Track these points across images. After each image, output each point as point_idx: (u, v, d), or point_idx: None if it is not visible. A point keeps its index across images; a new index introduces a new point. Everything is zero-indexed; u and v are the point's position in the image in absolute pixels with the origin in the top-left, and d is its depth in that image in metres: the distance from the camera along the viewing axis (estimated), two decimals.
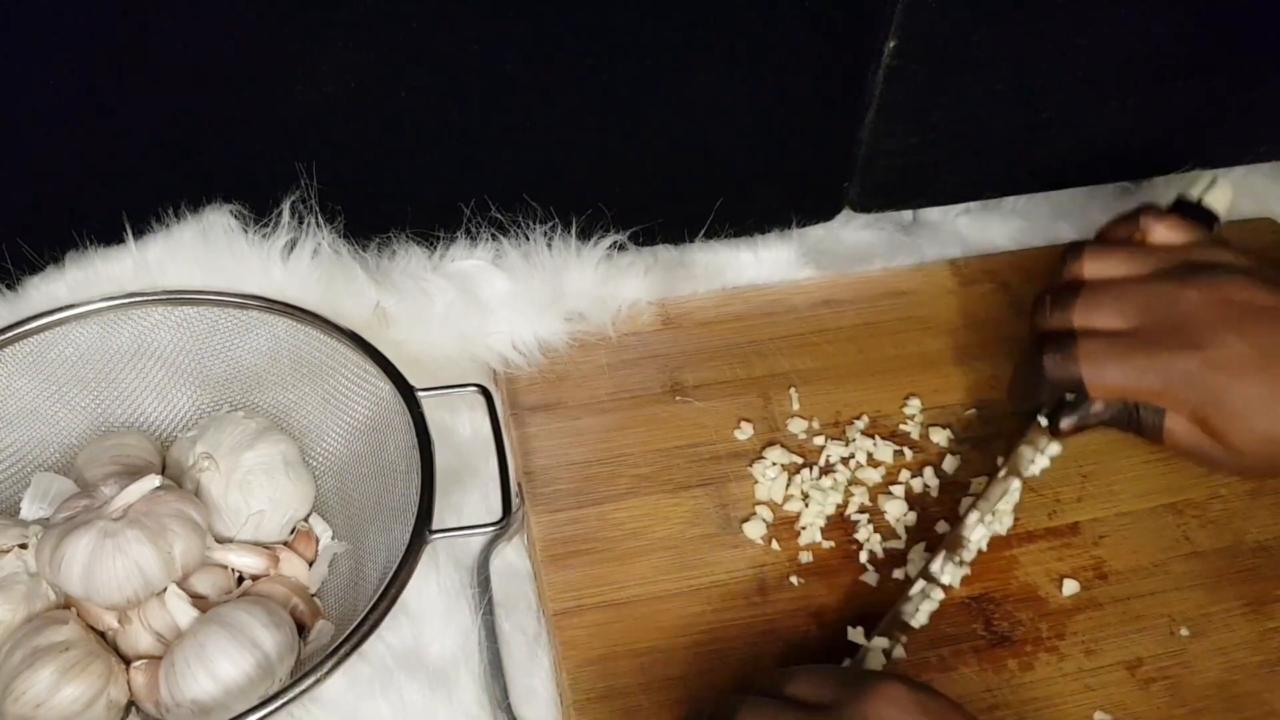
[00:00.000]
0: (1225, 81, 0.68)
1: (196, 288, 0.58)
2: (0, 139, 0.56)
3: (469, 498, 0.57)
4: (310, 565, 0.55)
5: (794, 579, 0.54)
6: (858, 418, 0.61)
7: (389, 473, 0.54)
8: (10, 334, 0.54)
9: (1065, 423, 0.53)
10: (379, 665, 0.51)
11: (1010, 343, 0.64)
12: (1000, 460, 0.56)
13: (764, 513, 0.57)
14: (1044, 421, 0.54)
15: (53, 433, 0.56)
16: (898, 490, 0.58)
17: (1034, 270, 0.69)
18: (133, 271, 0.59)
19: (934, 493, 0.58)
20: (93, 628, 0.50)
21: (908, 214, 0.73)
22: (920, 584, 0.52)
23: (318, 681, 0.45)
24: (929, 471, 0.59)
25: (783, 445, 0.59)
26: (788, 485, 0.58)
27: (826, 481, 0.58)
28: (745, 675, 0.51)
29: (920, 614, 0.52)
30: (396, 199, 0.63)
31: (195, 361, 0.58)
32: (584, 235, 0.65)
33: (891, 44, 0.61)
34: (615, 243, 0.65)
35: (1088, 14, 0.62)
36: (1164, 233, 0.55)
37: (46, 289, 0.59)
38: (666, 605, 0.53)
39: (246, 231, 0.60)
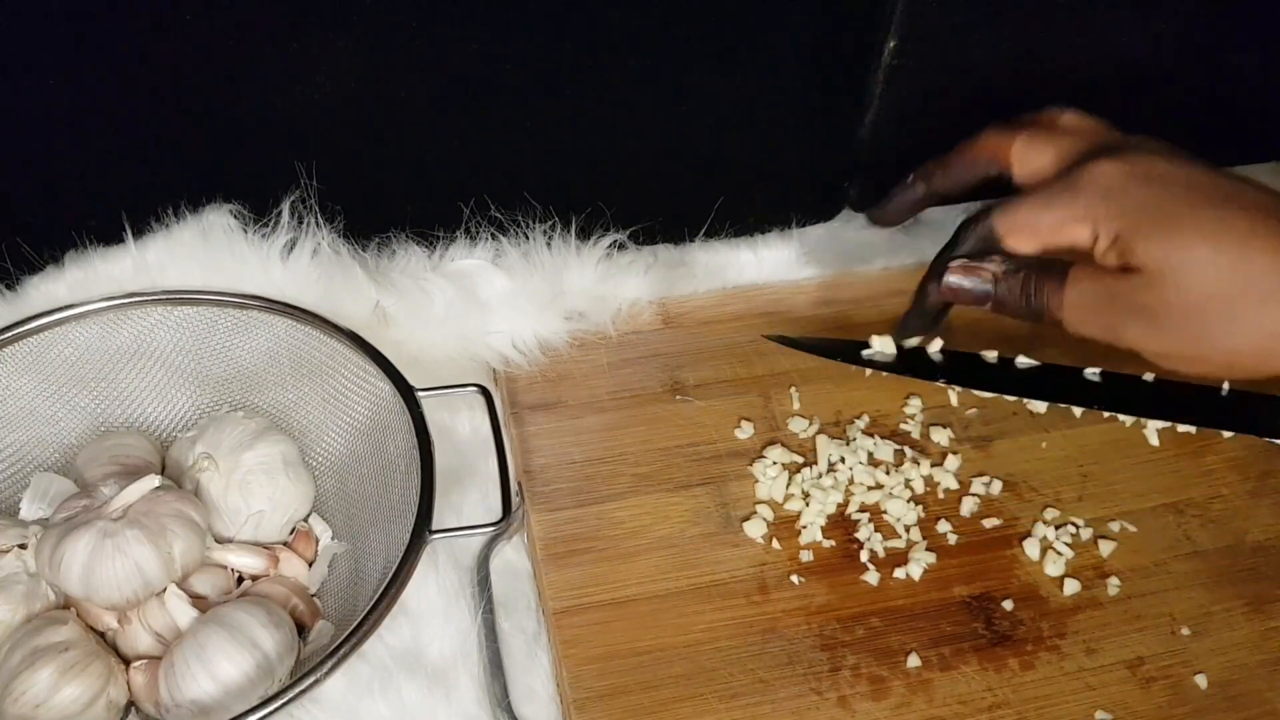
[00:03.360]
0: (1225, 81, 0.68)
1: (196, 288, 0.58)
2: (0, 139, 0.56)
3: (469, 497, 0.57)
4: (310, 565, 0.55)
5: (795, 578, 0.54)
6: (858, 417, 0.61)
7: (389, 473, 0.54)
8: (10, 334, 0.54)
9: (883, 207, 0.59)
10: (378, 665, 0.51)
11: (1010, 342, 0.64)
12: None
13: (764, 512, 0.57)
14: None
15: (53, 433, 0.56)
16: (899, 490, 0.58)
17: None
18: (132, 271, 0.59)
19: (935, 492, 0.58)
20: (92, 628, 0.50)
21: None
22: None
23: (317, 682, 0.45)
24: (930, 471, 0.59)
25: (783, 444, 0.59)
26: (788, 484, 0.58)
27: (827, 480, 0.58)
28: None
29: None
30: (396, 199, 0.63)
31: (195, 361, 0.58)
32: (584, 234, 0.65)
33: (891, 44, 0.61)
34: (615, 242, 0.65)
35: (1088, 14, 0.62)
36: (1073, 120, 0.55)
37: (46, 289, 0.59)
38: (667, 604, 0.53)
39: (246, 231, 0.60)
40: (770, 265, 0.68)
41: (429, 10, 0.55)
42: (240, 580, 0.53)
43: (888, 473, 0.58)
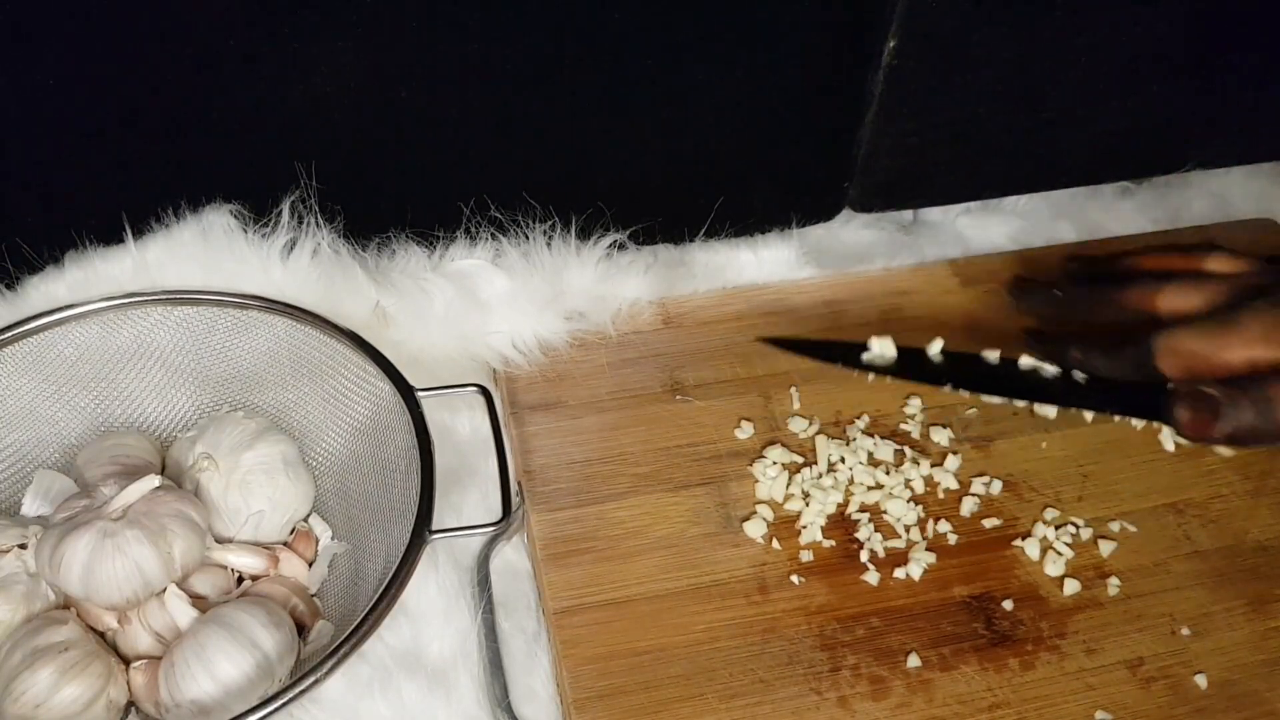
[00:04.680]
0: (1225, 81, 0.68)
1: (196, 288, 0.58)
2: (0, 139, 0.56)
3: (469, 497, 0.57)
4: (310, 565, 0.55)
5: (795, 578, 0.54)
6: (858, 417, 0.61)
7: (389, 473, 0.54)
8: (10, 334, 0.54)
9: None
10: (378, 665, 0.51)
11: (1010, 342, 0.64)
12: None
13: (765, 512, 0.57)
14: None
15: (53, 433, 0.56)
16: (899, 490, 0.58)
17: (1034, 270, 0.69)
18: (132, 271, 0.59)
19: (935, 492, 0.58)
20: (92, 628, 0.50)
21: (908, 214, 0.73)
22: None
23: (317, 682, 0.45)
24: (930, 471, 0.59)
25: (783, 444, 0.59)
26: (788, 484, 0.58)
27: (827, 480, 0.58)
28: None
29: None
30: (396, 199, 0.63)
31: (195, 361, 0.58)
32: (584, 234, 0.65)
33: (891, 44, 0.61)
34: (615, 241, 0.65)
35: (1088, 14, 0.62)
36: (1221, 263, 0.56)
37: (46, 289, 0.59)
38: (667, 604, 0.53)
39: (246, 231, 0.60)
40: (770, 265, 0.68)
41: (429, 10, 0.55)
42: (240, 580, 0.53)
43: (888, 473, 0.58)
